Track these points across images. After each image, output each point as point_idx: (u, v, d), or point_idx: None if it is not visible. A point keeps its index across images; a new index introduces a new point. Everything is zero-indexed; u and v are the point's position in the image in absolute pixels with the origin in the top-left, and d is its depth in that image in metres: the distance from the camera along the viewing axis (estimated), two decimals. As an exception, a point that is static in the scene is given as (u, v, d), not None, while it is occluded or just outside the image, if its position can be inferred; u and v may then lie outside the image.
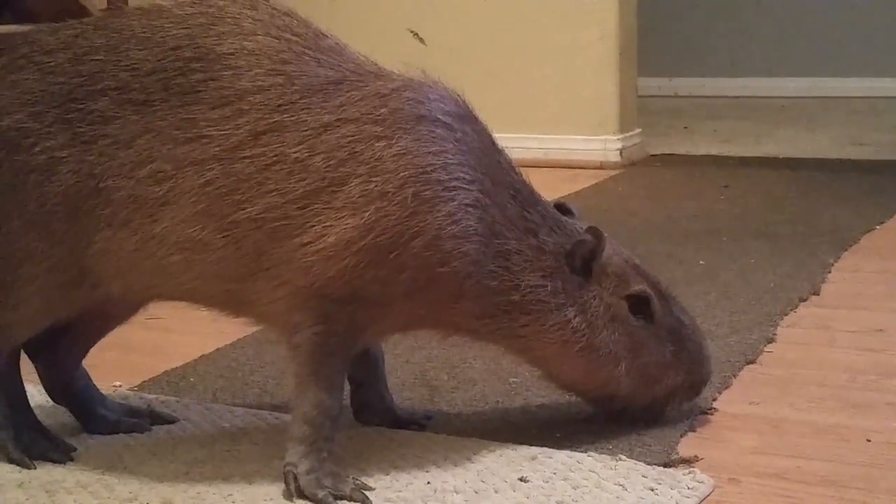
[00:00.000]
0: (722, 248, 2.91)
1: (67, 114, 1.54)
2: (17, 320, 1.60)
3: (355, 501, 1.46)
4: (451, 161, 1.49)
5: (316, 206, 1.47)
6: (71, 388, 1.74)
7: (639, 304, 1.65)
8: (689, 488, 1.48)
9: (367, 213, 1.46)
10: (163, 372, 2.03)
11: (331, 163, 1.47)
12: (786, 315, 2.29)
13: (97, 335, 1.77)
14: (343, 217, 1.46)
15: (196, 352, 2.12)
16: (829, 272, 2.63)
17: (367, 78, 1.55)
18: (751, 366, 2.00)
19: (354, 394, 1.75)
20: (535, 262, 1.56)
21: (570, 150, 4.34)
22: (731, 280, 2.58)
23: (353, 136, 1.48)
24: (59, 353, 1.73)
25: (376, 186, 1.46)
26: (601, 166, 4.29)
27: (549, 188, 3.80)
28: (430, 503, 1.47)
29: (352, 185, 1.47)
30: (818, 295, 2.45)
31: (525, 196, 1.59)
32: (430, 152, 1.48)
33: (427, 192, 1.47)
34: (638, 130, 4.53)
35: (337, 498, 1.46)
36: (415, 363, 2.00)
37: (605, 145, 4.34)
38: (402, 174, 1.47)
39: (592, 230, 1.61)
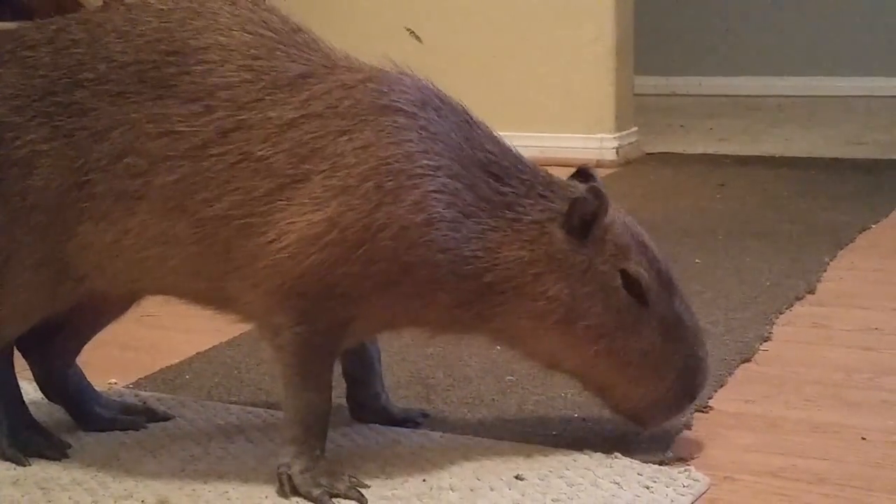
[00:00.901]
0: (718, 246, 2.91)
1: (48, 107, 1.54)
2: (6, 315, 1.60)
3: (350, 499, 1.46)
4: (413, 150, 1.48)
5: (279, 203, 1.47)
6: (65, 386, 1.74)
7: (631, 284, 1.55)
8: (684, 486, 1.48)
9: (330, 209, 1.45)
10: (158, 369, 2.03)
11: (293, 160, 1.47)
12: (781, 313, 2.29)
13: (91, 332, 1.77)
14: (306, 213, 1.46)
15: (191, 349, 2.12)
16: (825, 271, 2.63)
17: (335, 71, 1.54)
18: (746, 364, 2.00)
19: (350, 391, 1.75)
20: (513, 235, 1.51)
21: (567, 148, 4.34)
22: (726, 278, 2.58)
23: (315, 132, 1.48)
24: (53, 351, 1.73)
25: (338, 181, 1.46)
26: (597, 165, 4.28)
27: (546, 186, 3.81)
28: (425, 501, 1.47)
29: (314, 181, 1.47)
30: (814, 293, 2.45)
31: (504, 168, 1.54)
32: (391, 143, 1.47)
33: (390, 183, 1.46)
34: (634, 129, 4.53)
35: (332, 496, 1.46)
36: (410, 361, 2.00)
37: (601, 144, 4.34)
38: (363, 167, 1.46)
39: (592, 189, 1.54)
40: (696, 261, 2.75)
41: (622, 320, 1.54)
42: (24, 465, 1.59)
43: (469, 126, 1.56)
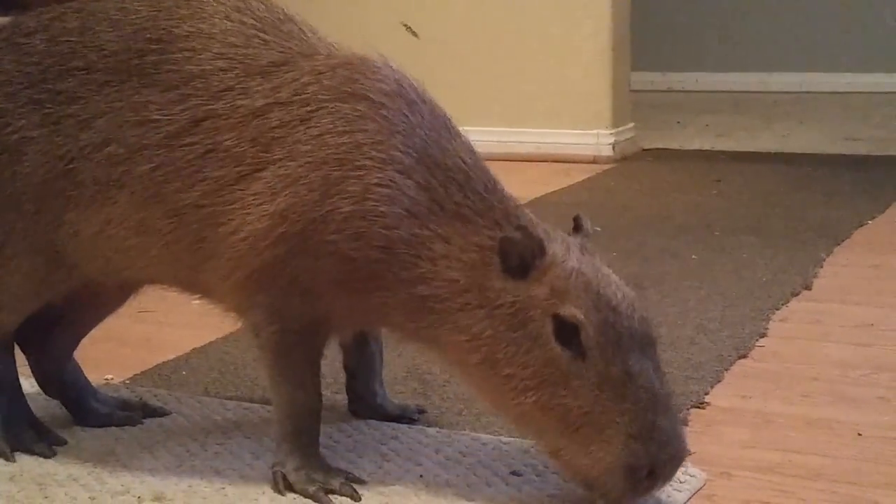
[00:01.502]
0: (714, 242, 2.91)
1: (39, 94, 1.55)
2: (2, 303, 1.61)
3: (345, 496, 1.46)
4: (365, 140, 1.44)
5: (238, 193, 1.46)
6: (63, 381, 1.74)
7: (565, 331, 1.37)
8: (680, 482, 1.48)
9: (279, 200, 1.44)
10: (155, 365, 2.03)
11: (255, 149, 1.46)
12: (777, 309, 2.29)
13: (88, 326, 1.77)
14: (261, 204, 1.45)
15: (188, 345, 2.12)
16: (821, 267, 2.63)
17: (312, 59, 1.52)
18: (742, 360, 2.00)
19: (349, 385, 1.75)
20: (457, 253, 1.43)
21: (563, 144, 4.34)
22: (723, 274, 2.58)
23: (279, 120, 1.46)
24: (51, 345, 1.73)
25: (291, 171, 1.44)
26: (594, 161, 4.29)
27: (542, 182, 3.82)
28: (422, 496, 1.47)
29: (270, 170, 1.46)
30: (810, 289, 2.45)
31: (468, 180, 1.46)
32: (345, 131, 1.45)
33: (336, 174, 1.43)
34: (631, 125, 4.53)
35: (328, 492, 1.46)
36: (407, 357, 2.00)
37: (597, 140, 4.33)
38: (315, 156, 1.44)
39: (522, 228, 1.40)
40: (693, 257, 2.76)
41: (550, 373, 1.37)
42: (10, 461, 1.60)
43: (447, 131, 1.50)
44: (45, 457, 1.61)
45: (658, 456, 1.34)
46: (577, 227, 1.50)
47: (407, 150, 1.45)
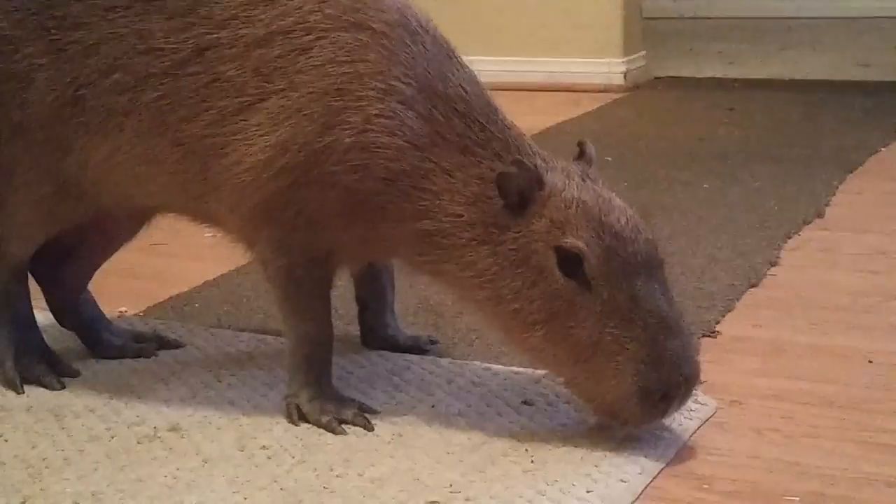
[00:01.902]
0: (726, 171, 2.90)
1: (46, 20, 1.54)
2: (12, 232, 1.62)
3: (358, 426, 1.47)
4: (366, 71, 1.43)
5: (242, 124, 1.46)
6: (77, 313, 1.76)
7: (568, 262, 1.37)
8: (691, 410, 1.49)
9: (280, 132, 1.43)
10: (168, 297, 2.04)
11: (257, 79, 1.45)
12: (789, 238, 2.29)
13: (101, 257, 1.78)
14: (263, 135, 1.44)
15: (201, 277, 2.13)
16: (834, 195, 2.62)
17: None
18: (754, 289, 2.01)
19: (360, 317, 1.76)
20: (460, 187, 1.42)
21: (574, 73, 4.31)
22: (735, 203, 2.57)
23: (280, 49, 1.45)
24: (64, 276, 1.74)
25: (292, 102, 1.43)
26: (605, 90, 4.26)
27: (552, 112, 3.79)
28: (434, 427, 1.48)
29: (272, 101, 1.45)
30: (822, 217, 2.45)
31: (471, 110, 1.44)
32: (346, 61, 1.43)
33: (337, 104, 1.42)
34: (642, 53, 4.49)
35: (340, 422, 1.47)
36: (418, 288, 2.00)
37: (608, 68, 4.30)
38: (316, 86, 1.43)
39: (517, 162, 1.39)
40: (705, 185, 2.75)
41: (557, 306, 1.37)
42: (19, 392, 1.61)
43: (449, 60, 1.48)
44: (54, 389, 1.62)
45: (671, 378, 1.35)
46: (581, 154, 1.49)
47: (408, 81, 1.44)
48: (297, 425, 1.48)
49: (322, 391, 1.51)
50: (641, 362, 1.34)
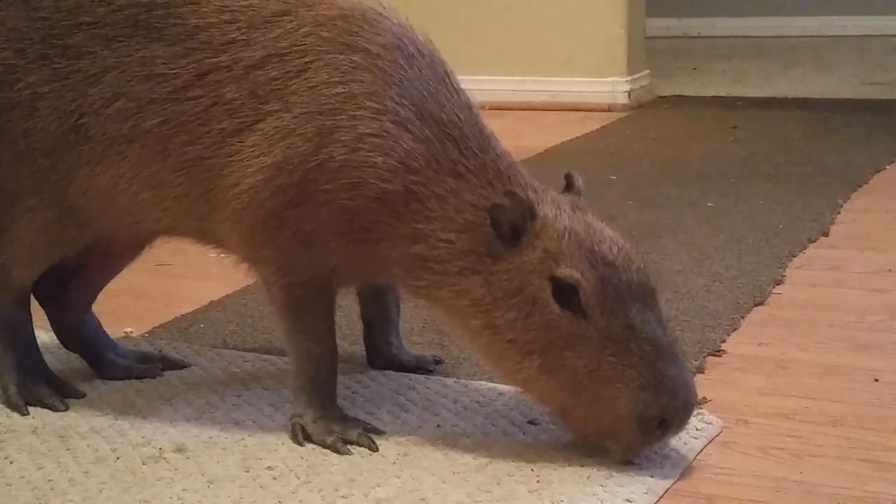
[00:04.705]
0: (731, 189, 2.90)
1: (48, 49, 1.55)
2: (15, 259, 1.62)
3: (362, 446, 1.47)
4: (360, 91, 1.44)
5: (239, 145, 1.46)
6: (82, 334, 1.76)
7: (563, 292, 1.37)
8: (697, 429, 1.48)
9: (276, 152, 1.44)
10: (173, 318, 2.04)
11: (253, 101, 1.46)
12: (795, 256, 2.29)
13: (104, 279, 1.78)
14: (259, 156, 1.45)
15: (206, 298, 2.13)
16: (839, 213, 2.62)
17: (314, 8, 1.51)
18: (759, 307, 2.00)
19: (366, 336, 1.76)
20: (452, 212, 1.42)
21: (578, 92, 4.32)
22: (740, 221, 2.57)
23: (276, 71, 1.46)
24: (68, 299, 1.74)
25: (287, 122, 1.44)
26: (609, 108, 4.27)
27: (557, 131, 3.80)
28: (439, 447, 1.47)
29: (267, 122, 1.46)
30: (827, 236, 2.44)
31: (464, 136, 1.45)
32: (341, 82, 1.44)
33: (330, 123, 1.43)
34: (646, 72, 4.50)
35: (346, 442, 1.47)
36: (423, 307, 2.00)
37: (613, 87, 4.31)
38: (309, 107, 1.44)
39: (510, 193, 1.39)
40: (709, 204, 2.75)
41: (553, 336, 1.38)
42: (24, 415, 1.61)
43: (444, 86, 1.49)
44: (58, 410, 1.62)
45: (668, 405, 1.35)
46: (569, 185, 1.50)
47: (402, 102, 1.44)
48: (302, 445, 1.48)
49: (327, 411, 1.51)
50: (640, 389, 1.35)
